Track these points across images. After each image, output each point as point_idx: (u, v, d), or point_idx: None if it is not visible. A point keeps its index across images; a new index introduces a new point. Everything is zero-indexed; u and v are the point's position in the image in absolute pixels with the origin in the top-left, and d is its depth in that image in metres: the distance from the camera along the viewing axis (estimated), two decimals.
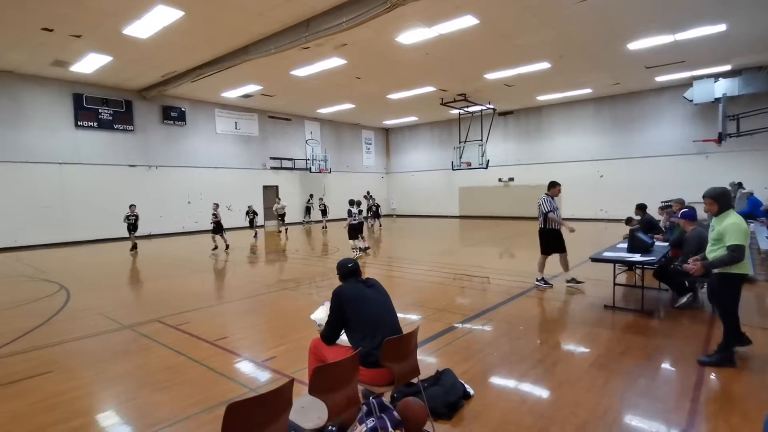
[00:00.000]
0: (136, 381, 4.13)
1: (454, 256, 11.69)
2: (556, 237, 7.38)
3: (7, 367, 4.53)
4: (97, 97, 16.48)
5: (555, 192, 7.41)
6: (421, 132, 27.88)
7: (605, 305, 6.16)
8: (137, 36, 11.33)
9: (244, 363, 4.51)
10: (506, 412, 3.32)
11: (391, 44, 12.40)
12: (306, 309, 6.61)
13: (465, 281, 8.29)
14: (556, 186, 7.45)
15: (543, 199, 7.33)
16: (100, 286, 8.69)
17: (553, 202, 7.35)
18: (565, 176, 21.57)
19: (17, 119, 14.79)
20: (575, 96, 20.23)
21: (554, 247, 7.40)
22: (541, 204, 7.34)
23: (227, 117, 20.81)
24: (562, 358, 4.39)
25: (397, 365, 2.88)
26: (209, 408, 3.49)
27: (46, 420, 3.39)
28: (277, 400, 2.18)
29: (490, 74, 15.94)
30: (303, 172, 24.27)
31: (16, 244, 14.67)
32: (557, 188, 7.45)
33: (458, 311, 6.18)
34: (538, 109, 22.64)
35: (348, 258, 3.38)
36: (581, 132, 21.38)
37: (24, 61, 13.48)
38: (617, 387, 3.72)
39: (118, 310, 6.74)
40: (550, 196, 7.34)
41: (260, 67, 14.21)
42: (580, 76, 16.72)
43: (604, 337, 4.96)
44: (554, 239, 7.38)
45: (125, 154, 17.41)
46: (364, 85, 17.16)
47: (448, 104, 20.31)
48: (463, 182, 25.61)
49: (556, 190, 7.43)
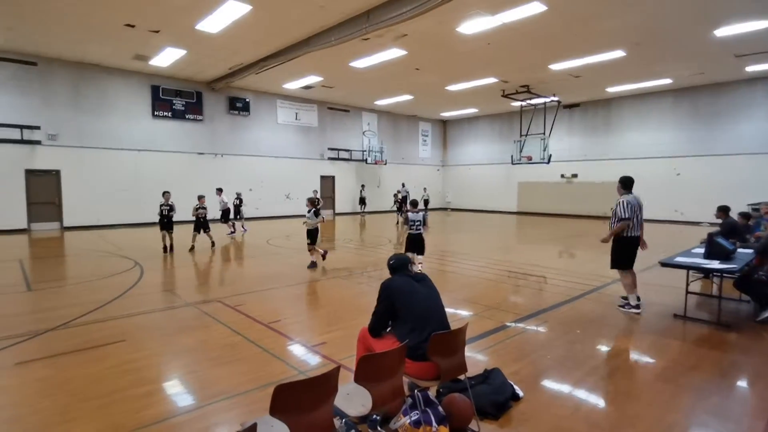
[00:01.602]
0: (197, 355, 4.40)
1: (510, 253, 11.34)
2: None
3: (88, 334, 5.01)
4: (172, 89, 17.64)
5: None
6: (480, 124, 27.20)
7: (675, 314, 5.70)
8: (208, 30, 11.95)
9: (295, 346, 4.66)
10: (558, 417, 3.18)
11: (451, 34, 12.14)
12: (357, 297, 6.73)
13: (520, 279, 8.02)
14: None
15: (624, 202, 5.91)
16: (168, 265, 9.35)
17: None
18: (635, 174, 19.95)
19: (103, 109, 16.19)
20: (651, 87, 18.73)
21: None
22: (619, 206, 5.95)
23: (288, 108, 21.48)
24: (622, 367, 4.12)
25: (443, 360, 2.85)
26: (262, 386, 3.64)
27: (119, 384, 3.70)
28: (323, 385, 2.23)
29: (556, 64, 15.16)
30: (359, 163, 24.57)
31: (99, 222, 16.15)
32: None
33: (511, 310, 5.99)
34: (607, 101, 21.25)
35: (396, 254, 3.39)
36: (656, 126, 19.80)
37: (109, 54, 14.68)
38: (684, 403, 3.43)
39: (184, 288, 7.21)
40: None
41: (321, 59, 14.48)
42: (657, 65, 15.46)
43: (673, 349, 4.59)
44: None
45: (194, 142, 18.54)
46: (423, 76, 16.99)
47: (510, 96, 19.61)
48: (523, 177, 24.72)
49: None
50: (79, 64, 15.54)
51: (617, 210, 5.85)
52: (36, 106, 14.82)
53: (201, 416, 3.20)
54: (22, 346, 4.59)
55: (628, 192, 5.95)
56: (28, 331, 5.02)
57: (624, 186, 5.98)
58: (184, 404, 3.41)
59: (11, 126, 14.34)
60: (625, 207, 5.78)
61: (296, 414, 2.11)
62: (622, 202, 5.82)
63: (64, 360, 4.23)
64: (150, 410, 3.27)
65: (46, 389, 3.62)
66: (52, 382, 3.75)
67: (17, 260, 9.72)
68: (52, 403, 3.37)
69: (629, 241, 5.90)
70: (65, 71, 15.31)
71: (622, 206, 5.78)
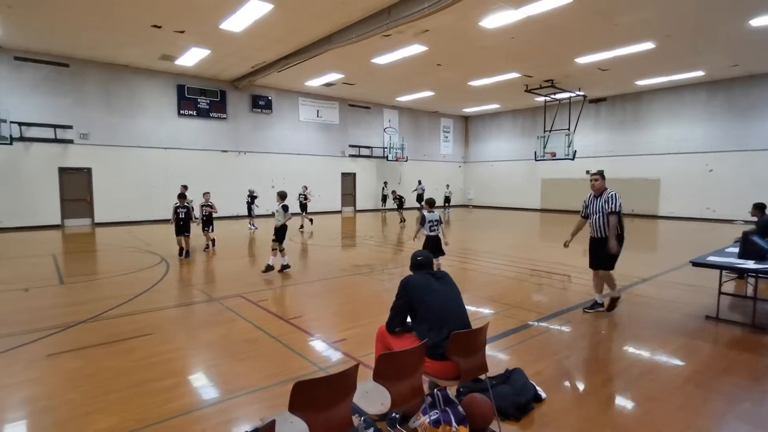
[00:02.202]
0: (220, 349, 4.47)
1: (533, 251, 11.14)
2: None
3: (116, 327, 5.16)
4: (196, 88, 18.00)
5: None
6: (502, 120, 26.80)
7: (707, 316, 5.48)
8: (232, 30, 12.12)
9: (315, 342, 4.69)
10: (582, 420, 3.09)
11: (474, 29, 11.97)
12: (377, 295, 6.72)
13: (543, 278, 7.87)
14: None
15: (616, 194, 5.55)
16: (192, 261, 9.55)
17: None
18: (665, 170, 19.70)
19: (131, 108, 16.66)
20: (683, 80, 18.05)
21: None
22: (614, 198, 5.50)
23: (310, 105, 21.63)
24: (650, 370, 3.99)
25: (464, 360, 2.80)
26: (282, 381, 3.67)
27: (147, 376, 3.80)
28: (342, 383, 2.22)
29: (583, 58, 14.77)
30: (380, 160, 24.57)
31: (128, 219, 16.65)
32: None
33: (533, 309, 5.88)
34: (636, 95, 20.60)
35: (418, 250, 3.34)
36: (688, 120, 19.07)
37: (137, 55, 15.08)
38: (716, 408, 3.30)
39: (208, 283, 7.36)
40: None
41: (342, 56, 14.51)
42: (690, 58, 14.89)
43: (704, 352, 4.42)
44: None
45: (218, 140, 18.88)
46: (444, 72, 16.83)
47: (534, 91, 19.23)
48: (547, 174, 24.25)
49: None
50: (109, 65, 16.02)
51: (611, 203, 5.42)
52: (68, 106, 15.36)
53: (222, 410, 3.25)
54: (54, 338, 4.77)
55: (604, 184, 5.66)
56: (60, 323, 5.21)
57: (603, 177, 5.75)
58: (207, 398, 3.48)
59: (45, 125, 14.91)
60: (617, 199, 5.46)
61: (315, 411, 2.11)
62: (614, 195, 5.49)
63: (93, 352, 4.37)
64: (174, 403, 3.34)
65: (75, 380, 3.74)
66: (82, 374, 3.87)
67: (51, 255, 10.11)
68: (80, 395, 3.48)
69: (621, 239, 5.60)
70: (96, 72, 15.81)
71: (615, 198, 5.45)
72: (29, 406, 3.34)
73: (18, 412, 3.29)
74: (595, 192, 5.63)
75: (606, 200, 5.46)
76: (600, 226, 5.54)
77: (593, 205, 5.65)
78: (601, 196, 5.55)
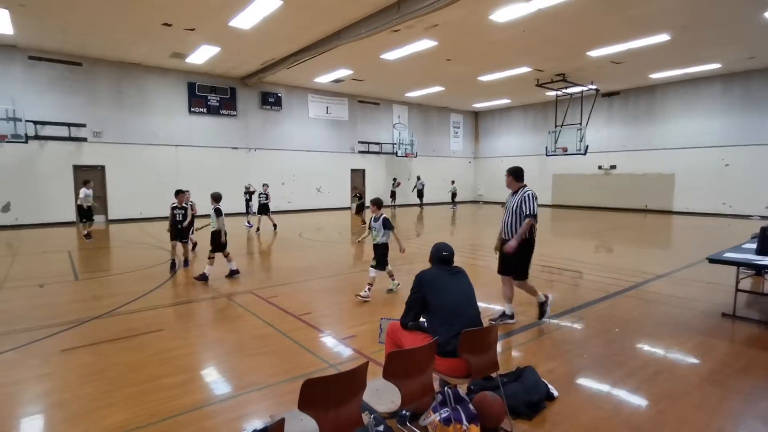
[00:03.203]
0: (230, 345, 4.50)
1: (544, 248, 10.97)
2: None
3: (129, 322, 5.21)
4: (207, 85, 18.10)
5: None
6: (513, 115, 26.54)
7: (723, 313, 5.36)
8: (241, 27, 12.13)
9: (325, 339, 4.68)
10: (596, 420, 3.04)
11: (484, 23, 11.83)
12: (386, 291, 6.70)
13: (554, 275, 7.78)
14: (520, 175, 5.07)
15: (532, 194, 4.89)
16: (203, 257, 9.60)
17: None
18: (680, 164, 19.36)
19: (143, 106, 16.81)
20: (698, 72, 17.68)
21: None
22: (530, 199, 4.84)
23: (319, 102, 21.63)
24: (666, 369, 3.91)
25: (474, 358, 2.77)
26: (292, 378, 3.67)
27: (158, 372, 3.83)
28: (351, 381, 2.20)
29: (595, 51, 14.53)
30: (389, 157, 24.51)
31: (140, 215, 16.84)
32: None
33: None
34: (650, 88, 20.23)
35: (444, 243, 3.24)
36: (704, 114, 18.68)
37: (148, 54, 15.19)
38: (733, 407, 3.22)
39: (218, 280, 7.40)
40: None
41: (351, 52, 14.46)
42: (706, 50, 14.56)
43: (721, 350, 4.32)
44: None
45: (228, 137, 18.97)
46: (454, 67, 16.69)
47: (545, 85, 19.00)
48: (558, 169, 23.98)
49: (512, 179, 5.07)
50: (121, 64, 16.17)
51: (529, 204, 4.78)
52: (82, 105, 15.55)
53: (233, 406, 3.26)
54: (68, 333, 4.83)
55: (521, 184, 5.01)
56: (74, 319, 5.28)
57: (517, 178, 5.01)
58: (217, 394, 3.49)
59: (60, 124, 15.12)
60: (534, 201, 4.82)
61: (324, 408, 2.10)
62: (531, 195, 4.83)
63: (105, 347, 4.42)
64: (185, 398, 3.36)
65: (88, 375, 3.79)
66: (95, 369, 3.92)
67: (66, 251, 10.27)
68: (93, 389, 3.52)
69: (533, 243, 5.00)
70: (108, 71, 15.97)
71: (532, 200, 4.81)
72: (44, 401, 3.39)
73: (33, 406, 3.34)
74: (510, 189, 5.07)
75: (522, 200, 4.82)
76: (511, 226, 4.90)
77: (508, 203, 5.04)
78: (516, 193, 4.95)
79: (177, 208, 8.58)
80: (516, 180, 5.01)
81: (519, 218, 4.83)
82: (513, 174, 5.03)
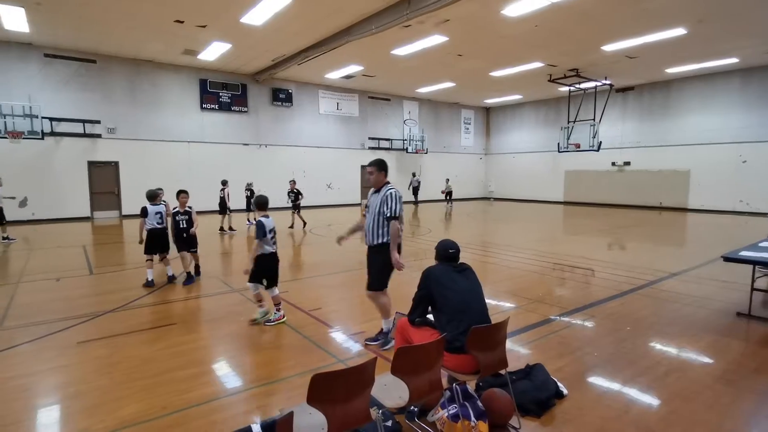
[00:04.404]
0: (241, 340, 4.55)
1: (556, 245, 10.93)
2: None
3: (142, 316, 5.31)
4: (218, 82, 18.22)
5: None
6: (524, 111, 26.29)
7: (738, 312, 5.28)
8: (253, 23, 12.18)
9: (335, 334, 4.72)
10: (605, 419, 3.02)
11: (496, 17, 11.71)
12: (397, 288, 6.69)
13: (566, 272, 7.72)
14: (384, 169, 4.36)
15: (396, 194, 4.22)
16: (215, 252, 9.73)
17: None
18: (696, 161, 19.04)
19: (156, 103, 17.00)
20: (716, 67, 17.29)
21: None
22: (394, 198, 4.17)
23: (330, 98, 21.65)
24: (678, 368, 3.87)
25: (483, 354, 2.77)
26: (301, 373, 3.71)
27: (171, 365, 3.90)
28: (359, 376, 2.22)
29: (610, 45, 14.30)
30: (400, 153, 24.46)
31: None
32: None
33: (556, 303, 5.77)
34: (666, 83, 19.86)
35: (449, 240, 3.24)
36: (721, 109, 18.28)
37: (161, 51, 15.34)
38: (746, 408, 3.18)
39: (230, 275, 7.48)
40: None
41: (362, 48, 14.43)
42: (723, 43, 14.24)
43: (735, 349, 4.26)
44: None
45: (240, 133, 19.10)
46: (465, 63, 16.57)
47: (557, 81, 18.76)
48: (570, 165, 23.72)
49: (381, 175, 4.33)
50: (134, 61, 16.35)
51: (390, 204, 4.12)
52: (96, 102, 15.77)
53: (242, 400, 3.31)
54: (83, 326, 4.93)
55: (386, 180, 4.34)
56: (90, 312, 5.38)
57: (385, 172, 4.33)
58: (228, 387, 3.54)
59: (75, 120, 15.36)
60: (398, 201, 4.16)
61: (333, 403, 2.12)
62: (393, 194, 4.17)
63: (120, 340, 4.50)
64: (196, 392, 3.41)
65: (103, 368, 3.86)
66: (109, 361, 4.00)
67: (81, 246, 10.46)
68: (108, 381, 3.60)
69: (399, 250, 4.31)
70: (122, 68, 16.17)
71: (396, 199, 4.15)
72: (61, 392, 3.47)
73: (51, 397, 3.42)
74: (374, 186, 4.35)
75: (383, 200, 4.16)
76: (372, 230, 4.23)
77: (370, 203, 4.33)
78: (379, 192, 4.27)
79: (180, 213, 7.42)
80: (384, 175, 4.30)
81: (382, 221, 4.16)
82: (379, 166, 4.28)
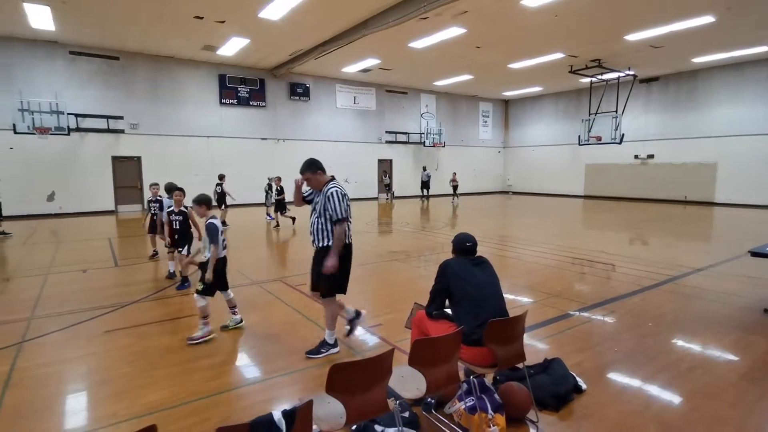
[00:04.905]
0: (261, 331, 4.63)
1: (575, 239, 10.77)
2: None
3: (165, 307, 5.45)
4: (237, 77, 18.42)
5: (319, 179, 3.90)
6: (544, 103, 25.84)
7: (765, 309, 5.13)
8: (270, 18, 12.26)
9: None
10: (625, 415, 2.99)
11: (515, 8, 11.51)
12: (414, 281, 6.73)
13: (586, 267, 7.60)
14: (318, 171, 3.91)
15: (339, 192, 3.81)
16: (236, 246, 9.89)
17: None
18: (723, 153, 18.48)
19: (176, 98, 17.30)
20: (745, 56, 16.68)
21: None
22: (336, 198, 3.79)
23: (347, 92, 21.67)
24: (701, 365, 3.79)
25: (501, 348, 2.77)
26: (320, 364, 3.77)
27: (193, 354, 4.00)
28: (377, 367, 2.25)
29: (633, 34, 13.92)
30: (417, 146, 24.37)
31: None
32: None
33: (575, 298, 5.70)
34: (692, 73, 19.25)
35: (466, 233, 3.23)
36: (751, 100, 17.63)
37: (181, 46, 15.57)
38: None
39: (250, 267, 7.60)
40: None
41: (379, 41, 14.38)
42: (753, 31, 13.71)
43: (761, 347, 4.15)
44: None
45: (258, 128, 19.30)
46: (484, 55, 16.35)
47: (579, 72, 18.36)
48: (591, 158, 23.26)
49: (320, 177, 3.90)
50: (156, 57, 16.65)
51: (333, 204, 3.75)
52: (119, 98, 16.13)
53: (263, 389, 3.38)
54: (109, 316, 5.10)
55: (328, 178, 3.94)
56: (115, 303, 5.56)
57: (312, 169, 3.86)
58: (248, 377, 3.63)
59: (99, 116, 15.75)
60: (341, 200, 3.79)
61: (351, 393, 2.15)
62: (336, 192, 3.78)
63: (144, 330, 4.64)
64: (217, 380, 3.50)
65: (129, 356, 3.99)
66: (134, 350, 4.13)
67: (107, 239, 10.77)
68: (133, 369, 3.72)
69: (350, 250, 4.01)
70: (144, 64, 16.48)
71: (338, 198, 3.77)
72: (89, 378, 3.61)
73: (80, 383, 3.55)
74: (315, 188, 3.98)
75: (326, 199, 3.79)
76: (317, 231, 3.92)
77: (315, 203, 3.97)
78: (321, 191, 3.89)
79: (174, 214, 6.58)
80: (321, 173, 3.89)
81: (326, 221, 3.85)
82: (309, 167, 3.86)
